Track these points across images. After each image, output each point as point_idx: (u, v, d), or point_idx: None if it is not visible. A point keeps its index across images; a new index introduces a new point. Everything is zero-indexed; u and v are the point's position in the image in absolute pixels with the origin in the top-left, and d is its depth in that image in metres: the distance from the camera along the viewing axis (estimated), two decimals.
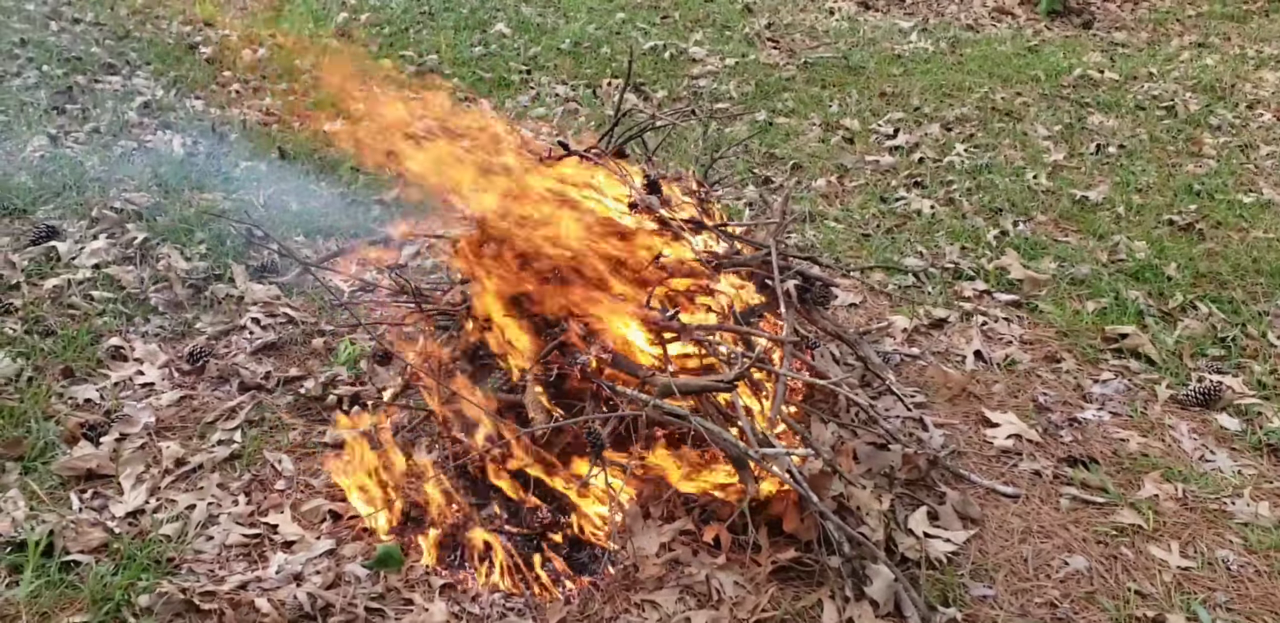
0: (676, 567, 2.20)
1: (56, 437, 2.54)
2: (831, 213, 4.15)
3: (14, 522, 2.22)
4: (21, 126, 4.41)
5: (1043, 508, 2.46)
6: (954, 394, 2.90)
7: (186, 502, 2.37)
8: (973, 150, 4.89)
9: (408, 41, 6.35)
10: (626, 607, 2.12)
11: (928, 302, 3.43)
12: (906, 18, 7.56)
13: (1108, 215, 4.16)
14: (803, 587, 2.16)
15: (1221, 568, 2.27)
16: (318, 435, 2.63)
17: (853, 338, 2.70)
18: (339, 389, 2.80)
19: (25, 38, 5.74)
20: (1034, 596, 2.18)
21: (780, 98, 5.64)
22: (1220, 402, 2.87)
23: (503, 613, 2.09)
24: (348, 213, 3.84)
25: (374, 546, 2.23)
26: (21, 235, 3.51)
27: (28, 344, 2.90)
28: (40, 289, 3.19)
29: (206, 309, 3.21)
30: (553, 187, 2.42)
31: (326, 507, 2.37)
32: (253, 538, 2.28)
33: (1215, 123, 5.29)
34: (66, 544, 2.18)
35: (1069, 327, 3.27)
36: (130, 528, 2.28)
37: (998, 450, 2.68)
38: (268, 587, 2.13)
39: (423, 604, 2.10)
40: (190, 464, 2.50)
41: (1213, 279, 3.60)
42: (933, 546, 2.26)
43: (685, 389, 2.16)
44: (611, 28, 6.82)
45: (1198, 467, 2.62)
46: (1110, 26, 7.51)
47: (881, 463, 2.43)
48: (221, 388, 2.84)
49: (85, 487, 2.40)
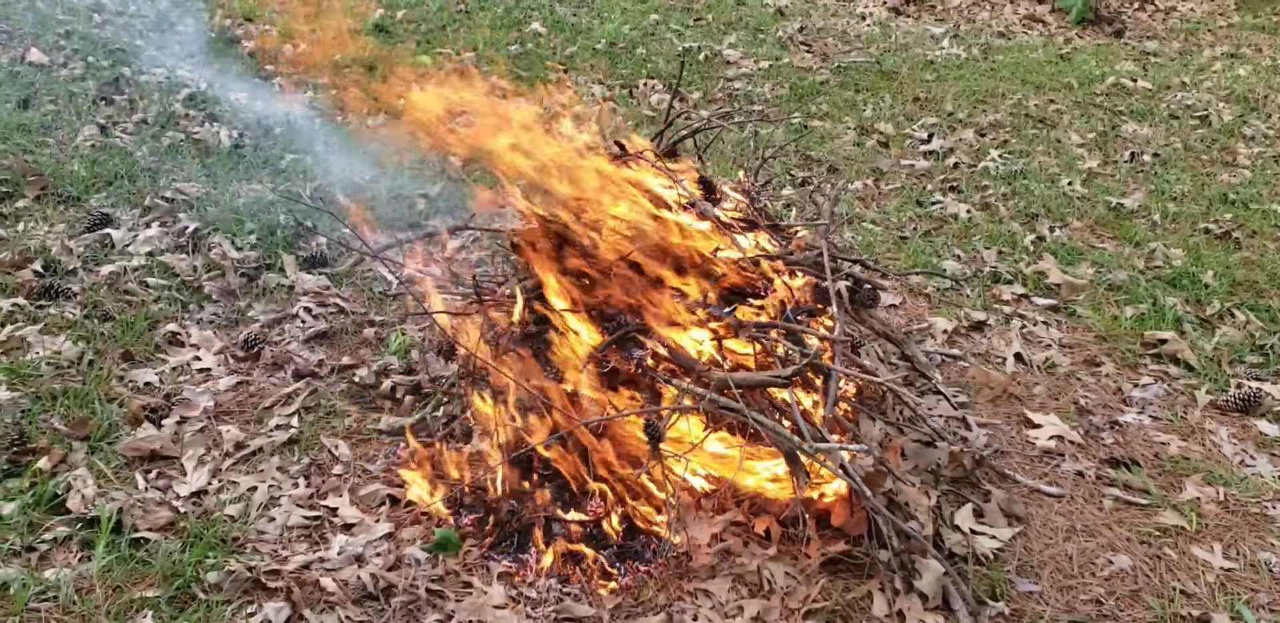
0: (728, 557, 2.25)
1: (120, 418, 2.60)
2: (868, 215, 4.19)
3: (84, 499, 2.28)
4: (71, 116, 4.48)
5: (1086, 508, 2.50)
6: (995, 395, 2.94)
7: (248, 484, 2.43)
8: (1007, 156, 4.92)
9: (445, 39, 6.41)
10: (680, 595, 2.16)
11: (967, 304, 3.47)
12: (938, 24, 7.59)
13: (1143, 223, 4.19)
14: (852, 579, 2.21)
15: (1264, 570, 2.30)
16: (372, 422, 2.69)
17: (900, 337, 2.74)
18: (392, 378, 2.85)
19: (70, 30, 5.83)
20: (1079, 592, 2.22)
21: (815, 101, 5.68)
22: (1260, 408, 2.90)
23: (559, 597, 2.14)
24: (393, 206, 3.90)
25: (432, 530, 2.29)
26: (76, 222, 3.58)
27: (87, 328, 2.97)
28: (97, 275, 3.26)
29: (259, 298, 3.27)
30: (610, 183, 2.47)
31: (384, 492, 2.43)
32: (313, 520, 2.34)
33: (1249, 133, 5.32)
34: (135, 522, 2.24)
35: (1108, 331, 3.31)
36: (195, 508, 2.34)
37: (1040, 451, 2.71)
38: (330, 567, 2.18)
39: (481, 587, 2.15)
40: (250, 448, 2.56)
41: (1249, 287, 3.63)
42: (979, 542, 2.30)
43: (742, 384, 2.20)
44: (646, 29, 6.87)
45: (1238, 471, 2.65)
46: (1141, 36, 7.53)
47: (928, 460, 2.47)
48: (276, 375, 2.90)
49: (149, 467, 2.47)
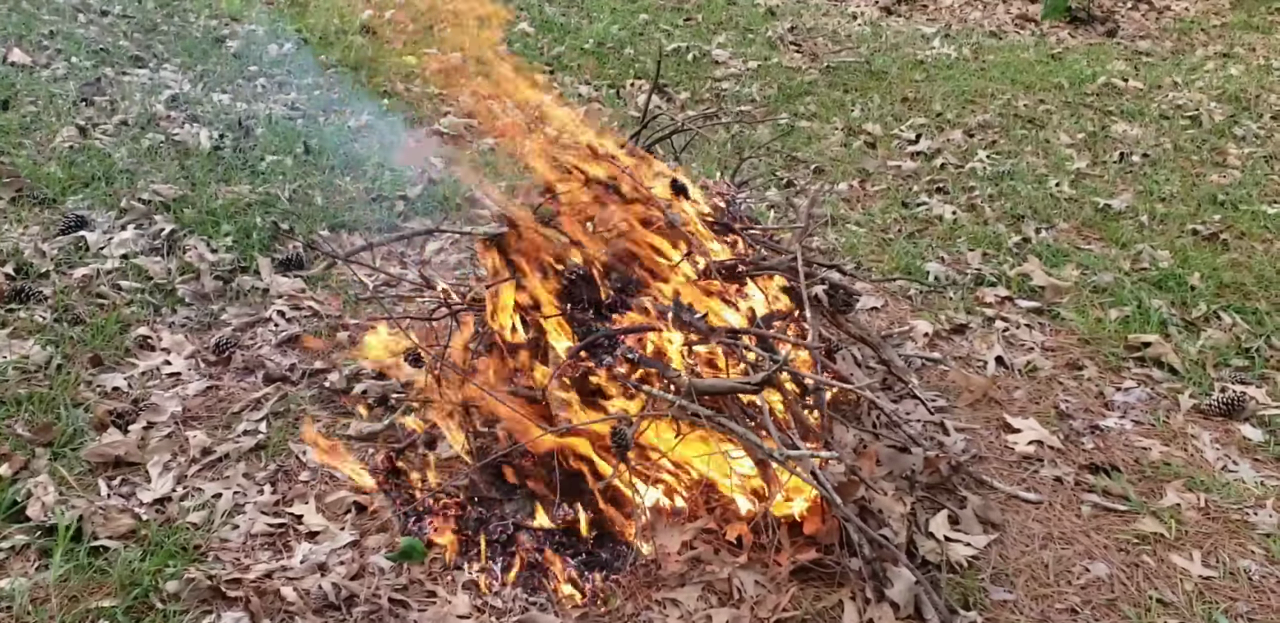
0: (698, 565, 2.21)
1: (86, 424, 2.57)
2: (853, 217, 4.16)
3: (44, 506, 2.24)
4: (51, 117, 4.45)
5: (1064, 514, 2.46)
6: (975, 399, 2.90)
7: (213, 490, 2.39)
8: (995, 157, 4.89)
9: (432, 39, 6.37)
10: (648, 604, 2.13)
11: (949, 307, 3.44)
12: (929, 23, 7.56)
13: (1131, 224, 4.16)
14: (823, 588, 2.17)
15: (1244, 578, 2.27)
16: (341, 428, 2.65)
17: (876, 341, 2.71)
18: (363, 383, 2.82)
19: (54, 29, 5.79)
20: (1055, 601, 2.19)
21: (803, 101, 5.65)
22: (1244, 412, 2.86)
23: (525, 607, 2.10)
24: (372, 208, 3.87)
25: (397, 538, 2.25)
26: (51, 225, 3.54)
27: (57, 332, 2.93)
28: (70, 278, 3.22)
29: (233, 301, 3.23)
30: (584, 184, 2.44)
31: (350, 499, 2.39)
32: (278, 528, 2.30)
33: (1240, 133, 5.28)
34: (95, 529, 2.20)
35: (1091, 334, 3.27)
36: (158, 515, 2.30)
37: (1019, 456, 2.68)
38: (293, 576, 2.15)
39: (446, 596, 2.12)
40: (216, 454, 2.53)
41: (1236, 290, 3.59)
42: (953, 549, 2.27)
43: (709, 390, 2.17)
44: (635, 29, 6.84)
45: (1220, 476, 2.61)
46: (1134, 35, 7.50)
47: (903, 466, 2.43)
48: (247, 379, 2.86)
49: (113, 474, 2.43)
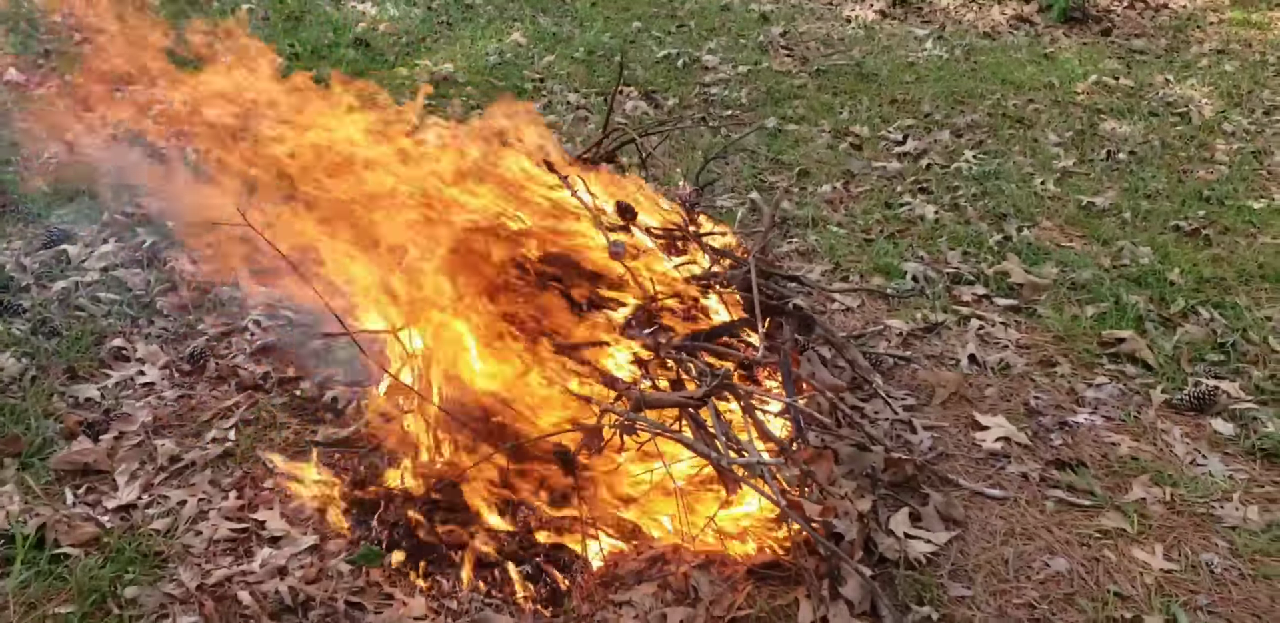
0: (654, 564, 2.21)
1: (55, 434, 2.60)
2: (835, 218, 4.16)
3: (7, 515, 2.27)
4: (40, 133, 4.51)
5: (1028, 510, 2.45)
6: (946, 397, 2.89)
7: (178, 497, 2.41)
8: (981, 157, 4.88)
9: (424, 51, 6.42)
10: (604, 604, 2.13)
11: (926, 306, 3.43)
12: (923, 26, 7.55)
13: (1114, 221, 4.14)
14: (779, 586, 2.17)
15: (1205, 571, 2.25)
16: (310, 434, 2.67)
17: (840, 341, 2.71)
18: (334, 390, 2.84)
19: (49, 49, 5.87)
20: (1012, 597, 2.18)
21: (790, 104, 5.65)
22: (1215, 406, 2.84)
23: (480, 608, 2.11)
24: None
25: (358, 542, 2.27)
26: (34, 239, 3.59)
27: (33, 344, 2.96)
28: (49, 291, 3.26)
29: (209, 311, 3.27)
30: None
31: (314, 504, 2.41)
32: (240, 533, 2.32)
33: (1230, 129, 5.25)
34: (58, 537, 2.23)
35: (1066, 331, 3.26)
36: (121, 523, 2.33)
37: (986, 453, 2.67)
38: (253, 580, 2.17)
39: (402, 599, 2.13)
40: (184, 461, 2.55)
41: (1216, 284, 3.57)
42: (912, 546, 2.26)
43: (655, 404, 2.19)
44: (626, 36, 6.87)
45: (1188, 471, 2.60)
46: (1129, 34, 7.46)
47: (863, 464, 2.43)
48: (220, 388, 2.89)
49: (80, 482, 2.46)
